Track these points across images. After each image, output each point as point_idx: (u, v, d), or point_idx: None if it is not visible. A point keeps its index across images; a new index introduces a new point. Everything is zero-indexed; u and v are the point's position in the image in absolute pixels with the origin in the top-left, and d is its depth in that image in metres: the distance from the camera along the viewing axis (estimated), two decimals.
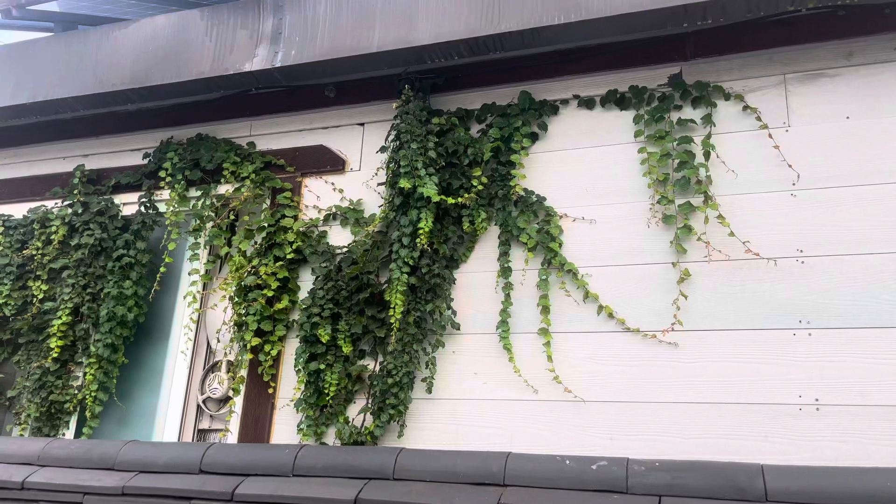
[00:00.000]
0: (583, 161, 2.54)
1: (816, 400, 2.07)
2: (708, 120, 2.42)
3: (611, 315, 2.33)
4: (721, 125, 2.42)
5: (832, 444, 2.02)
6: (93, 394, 2.80)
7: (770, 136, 2.33)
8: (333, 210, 2.79)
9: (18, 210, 3.32)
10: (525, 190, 2.55)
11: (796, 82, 2.37)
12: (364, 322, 2.56)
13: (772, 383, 2.12)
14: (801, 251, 2.20)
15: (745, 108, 2.40)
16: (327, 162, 2.88)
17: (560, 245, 2.45)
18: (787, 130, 2.34)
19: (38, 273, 3.07)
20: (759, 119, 2.36)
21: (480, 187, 2.56)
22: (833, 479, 1.54)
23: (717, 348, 2.20)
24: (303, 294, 2.73)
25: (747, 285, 2.23)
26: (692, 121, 2.43)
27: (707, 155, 2.37)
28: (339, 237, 2.77)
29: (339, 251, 2.71)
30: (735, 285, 2.24)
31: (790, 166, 2.29)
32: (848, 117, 2.29)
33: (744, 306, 2.21)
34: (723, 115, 2.43)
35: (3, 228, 3.21)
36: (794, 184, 2.28)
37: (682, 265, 2.30)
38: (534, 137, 2.62)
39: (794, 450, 2.04)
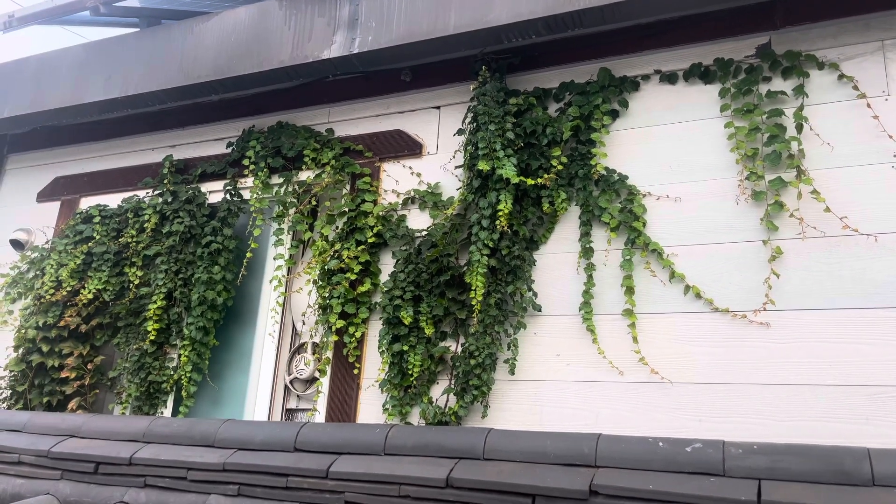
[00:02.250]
0: (666, 137, 2.48)
1: None
2: (800, 91, 2.32)
3: (698, 295, 2.28)
4: (814, 96, 2.32)
5: None
6: (187, 374, 2.93)
7: (868, 105, 2.23)
8: (412, 194, 2.81)
9: (113, 200, 3.49)
10: (606, 169, 2.51)
11: None
12: (445, 304, 2.58)
13: (873, 364, 2.04)
14: None
15: (841, 77, 2.29)
16: (404, 146, 2.91)
17: (644, 224, 2.41)
18: (886, 99, 2.23)
19: (133, 260, 3.22)
20: (855, 88, 2.26)
21: (560, 167, 2.54)
22: None
23: (813, 328, 2.12)
24: (384, 277, 2.77)
25: (845, 262, 2.14)
26: (783, 92, 2.34)
27: (799, 128, 2.28)
28: (418, 220, 2.79)
29: (418, 234, 2.74)
30: (832, 263, 2.16)
31: (891, 137, 2.18)
32: None
33: (841, 285, 2.13)
34: (816, 85, 2.33)
35: (100, 218, 3.38)
36: (895, 155, 2.17)
37: (774, 243, 2.23)
38: (614, 115, 2.58)
39: None
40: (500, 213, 2.47)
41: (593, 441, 1.75)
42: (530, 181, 2.51)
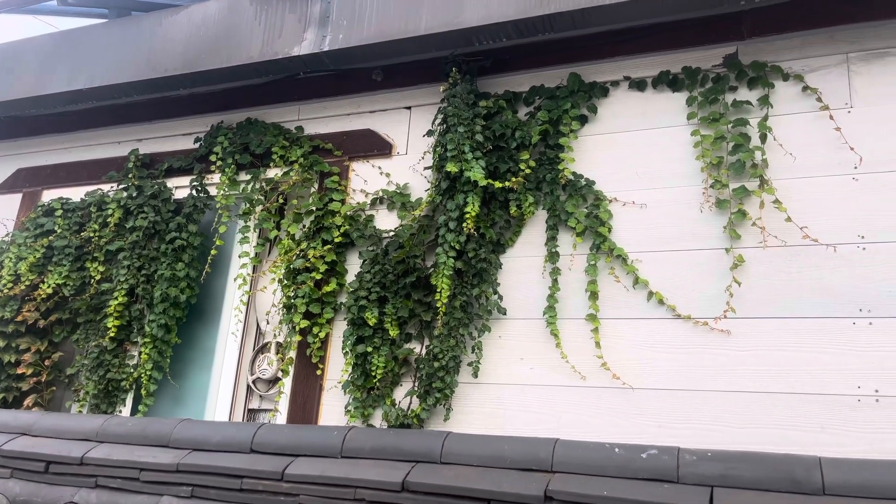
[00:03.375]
0: (633, 144, 2.49)
1: (876, 391, 2.00)
2: (765, 101, 2.34)
3: (661, 301, 2.29)
4: (779, 107, 2.34)
5: (892, 436, 1.95)
6: (148, 372, 2.88)
7: (831, 117, 2.25)
8: (380, 194, 2.80)
9: (76, 193, 3.42)
10: (574, 174, 2.52)
11: (860, 61, 2.28)
12: (410, 306, 2.57)
13: (830, 373, 2.06)
14: (863, 237, 2.13)
15: (805, 88, 2.31)
16: (374, 146, 2.89)
17: (609, 230, 2.42)
18: (849, 111, 2.25)
19: (95, 255, 3.16)
20: (819, 100, 2.28)
21: (528, 171, 2.54)
22: (893, 472, 1.49)
23: (773, 336, 2.14)
24: (350, 277, 2.75)
25: (805, 272, 2.16)
26: (748, 102, 2.36)
27: (763, 137, 2.30)
28: (386, 221, 2.78)
29: (385, 235, 2.72)
30: (792, 272, 2.18)
31: (852, 149, 2.21)
32: None
33: (801, 294, 2.15)
34: (781, 96, 2.35)
35: (62, 211, 3.31)
36: (855, 167, 2.20)
37: (736, 251, 2.24)
38: (583, 120, 2.58)
39: (852, 442, 1.98)
40: (468, 216, 2.47)
41: (550, 446, 1.75)
42: (498, 184, 2.50)
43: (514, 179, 2.52)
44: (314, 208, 2.81)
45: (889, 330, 2.04)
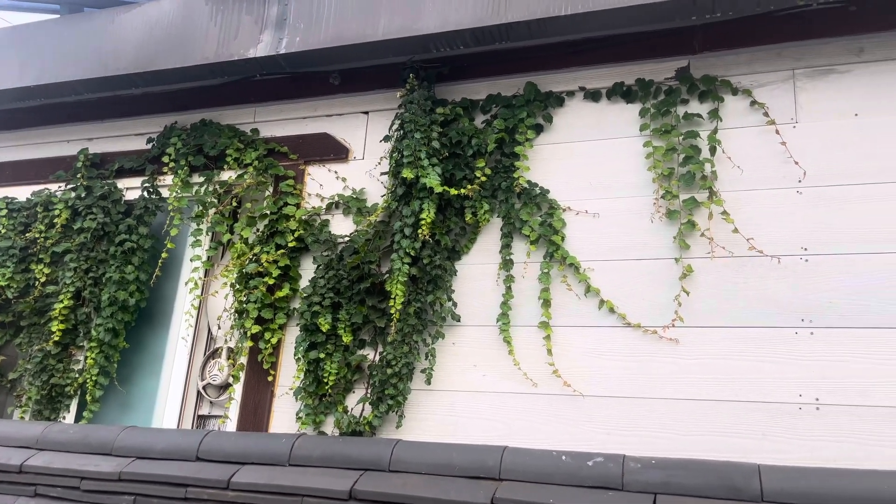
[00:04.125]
0: (587, 154, 2.52)
1: (817, 399, 2.06)
2: (715, 115, 2.39)
3: (612, 310, 2.32)
4: (728, 120, 2.39)
5: (831, 444, 2.01)
6: (93, 378, 2.81)
7: (777, 132, 2.31)
8: (336, 199, 2.79)
9: (22, 193, 3.32)
10: (529, 182, 2.54)
11: (805, 78, 2.34)
12: (364, 312, 2.56)
13: (772, 382, 2.10)
14: (806, 249, 2.18)
15: (753, 103, 2.37)
16: (331, 150, 2.88)
17: (562, 238, 2.44)
18: (794, 126, 2.31)
19: (40, 256, 3.07)
20: (766, 115, 2.34)
21: (484, 179, 2.55)
22: (830, 480, 1.53)
23: (718, 345, 2.18)
24: (304, 283, 2.73)
25: (750, 282, 2.21)
26: (699, 115, 2.41)
27: (713, 150, 2.35)
28: (341, 226, 2.76)
29: (340, 240, 2.71)
30: (738, 282, 2.22)
31: (797, 163, 2.27)
32: (857, 114, 2.25)
33: (746, 303, 2.19)
34: (730, 109, 2.40)
35: (6, 211, 3.21)
36: (800, 181, 2.25)
37: (685, 261, 2.28)
38: (538, 129, 2.61)
39: (793, 449, 2.03)
40: (423, 222, 2.47)
41: (498, 454, 1.75)
42: (454, 191, 2.51)
43: (469, 187, 2.52)
44: (268, 212, 2.78)
45: (830, 340, 2.09)
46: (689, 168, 2.35)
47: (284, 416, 2.60)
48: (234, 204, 2.91)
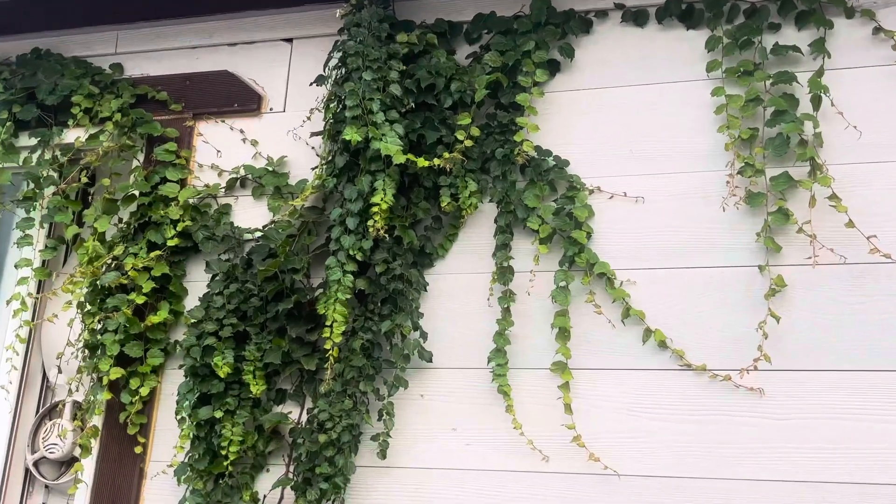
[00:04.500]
0: (626, 107, 2.52)
1: None
2: (820, 48, 2.38)
3: (663, 344, 2.31)
4: (840, 57, 2.39)
5: None
6: None
7: None
8: (242, 172, 2.77)
9: None
10: (537, 149, 2.52)
11: None
12: (285, 347, 2.54)
13: None
14: None
15: (878, 30, 2.37)
16: (234, 97, 2.87)
17: (589, 235, 2.43)
18: None
19: None
20: None
21: (469, 143, 2.52)
22: None
23: (823, 398, 2.18)
24: (191, 302, 2.71)
25: (874, 303, 2.21)
26: (796, 49, 2.40)
27: (817, 101, 2.34)
28: (250, 215, 2.76)
29: (248, 236, 2.70)
30: (854, 303, 2.22)
31: None
32: None
33: (867, 335, 2.19)
34: (843, 40, 2.40)
35: None
36: None
37: (774, 270, 2.28)
38: (553, 68, 2.59)
39: None
40: (376, 210, 2.44)
41: None
42: (423, 162, 2.48)
43: (447, 156, 2.50)
44: (137, 193, 2.76)
45: None
46: (781, 129, 2.34)
47: None
48: (85, 180, 2.86)
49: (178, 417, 2.57)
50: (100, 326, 2.65)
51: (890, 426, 2.13)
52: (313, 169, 2.70)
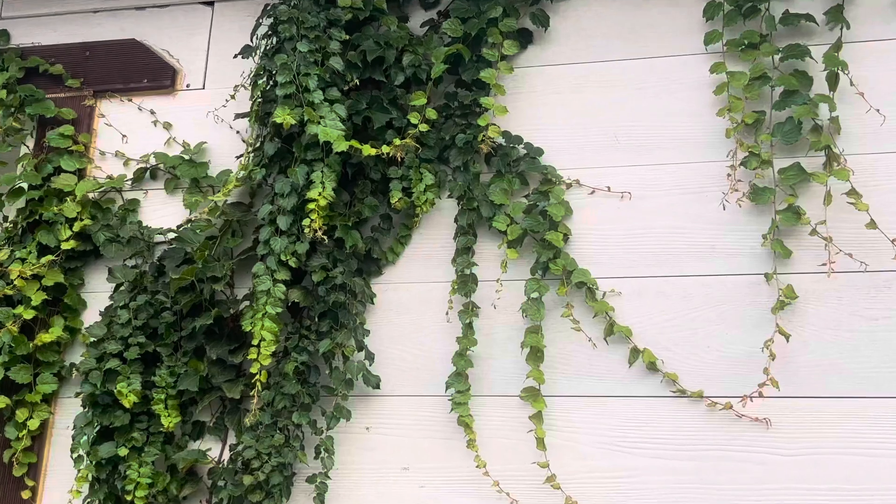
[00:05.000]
0: (611, 85, 2.54)
1: None
2: (837, 17, 2.41)
3: (653, 367, 2.32)
4: (860, 28, 2.41)
5: None
6: None
7: None
8: (152, 161, 2.77)
9: None
10: (505, 135, 2.53)
11: None
12: (203, 371, 2.53)
13: None
14: None
15: None
16: (143, 72, 2.87)
17: (566, 238, 2.43)
18: None
19: None
20: None
21: (425, 128, 2.53)
22: None
23: (843, 430, 2.20)
24: (90, 317, 2.71)
25: None
26: (809, 18, 2.43)
27: (833, 80, 2.37)
28: (162, 212, 2.76)
29: (160, 238, 2.70)
30: (878, 318, 2.25)
31: None
32: None
33: (891, 356, 2.21)
34: (864, 9, 2.42)
35: None
36: None
37: (783, 279, 2.30)
38: (524, 39, 2.61)
39: None
40: (313, 206, 2.44)
41: None
42: (370, 150, 2.48)
43: (398, 142, 2.51)
44: (25, 186, 2.76)
45: None
46: (792, 112, 2.36)
47: None
48: None
49: (75, 456, 2.55)
50: None
51: None
52: (238, 157, 2.70)
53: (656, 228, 2.43)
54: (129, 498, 2.47)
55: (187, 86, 2.84)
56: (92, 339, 2.61)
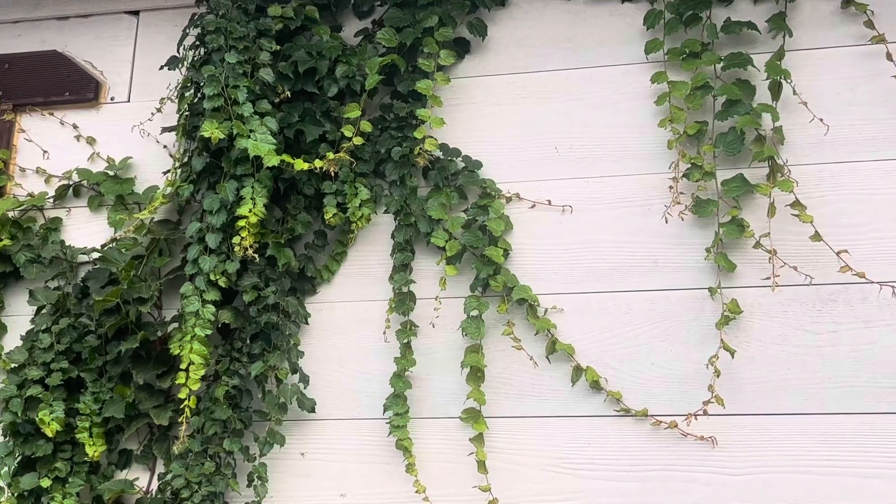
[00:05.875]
0: (550, 96, 2.54)
1: None
2: (780, 24, 2.41)
3: (596, 385, 2.32)
4: (803, 35, 2.43)
5: None
6: None
7: (889, 56, 2.35)
8: (75, 178, 2.75)
9: None
10: (443, 147, 2.52)
11: None
12: (129, 397, 2.50)
13: None
14: None
15: (847, 2, 2.41)
16: (65, 84, 2.85)
17: (506, 253, 2.43)
18: None
19: None
20: (870, 26, 2.38)
21: (359, 141, 2.50)
22: None
23: (787, 448, 2.20)
24: (10, 342, 2.67)
25: (848, 331, 2.25)
26: (751, 25, 2.43)
27: (776, 89, 2.37)
28: (86, 231, 2.74)
29: (83, 258, 2.67)
30: (822, 332, 2.25)
31: None
32: None
33: (838, 370, 2.22)
34: (807, 16, 2.44)
35: None
36: None
37: (728, 293, 2.30)
38: (461, 49, 2.62)
39: None
40: (244, 224, 2.42)
41: None
42: (303, 165, 2.46)
43: (332, 156, 2.48)
44: None
45: None
46: (735, 122, 2.36)
47: None
48: None
49: None
50: None
51: (865, 480, 2.16)
52: (165, 173, 2.67)
53: (598, 242, 2.43)
54: None
55: (111, 99, 2.83)
56: (12, 365, 2.57)
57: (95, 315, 2.55)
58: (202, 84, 2.52)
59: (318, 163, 2.47)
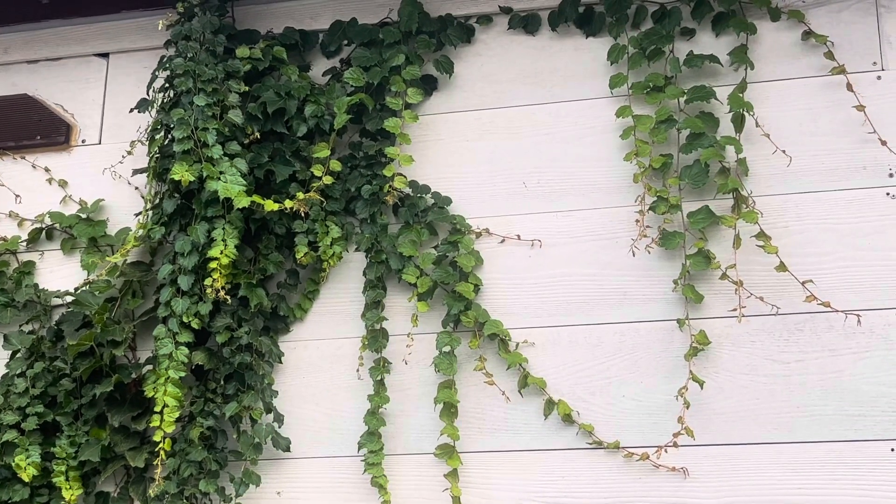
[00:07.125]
0: (517, 132, 2.57)
1: None
2: (741, 57, 2.46)
3: (568, 418, 2.33)
4: (764, 67, 2.47)
5: None
6: None
7: (850, 87, 2.39)
8: (48, 221, 2.75)
9: None
10: (413, 185, 2.55)
11: None
12: (105, 440, 2.50)
13: None
14: None
15: (807, 34, 2.46)
16: (36, 127, 2.85)
17: (477, 288, 2.45)
18: (879, 77, 2.41)
19: None
20: (831, 57, 2.42)
21: (329, 180, 2.54)
22: None
23: (761, 478, 2.23)
24: None
25: (815, 360, 2.28)
26: (713, 59, 2.47)
27: (739, 122, 2.41)
28: (59, 274, 2.74)
29: (57, 301, 2.68)
30: (790, 361, 2.28)
31: (884, 143, 2.35)
32: None
33: (806, 400, 2.25)
34: (767, 48, 2.49)
35: None
36: (892, 174, 2.35)
37: (696, 324, 2.32)
38: (429, 86, 2.64)
39: None
40: (215, 265, 2.43)
41: None
42: (273, 205, 2.48)
43: (302, 196, 2.51)
44: None
45: None
46: (699, 155, 2.40)
47: None
48: None
49: None
50: None
51: None
52: (137, 215, 2.68)
53: (568, 276, 2.45)
54: None
55: (83, 141, 2.83)
56: None
57: (70, 358, 2.54)
58: (172, 127, 2.53)
59: (288, 203, 2.49)
